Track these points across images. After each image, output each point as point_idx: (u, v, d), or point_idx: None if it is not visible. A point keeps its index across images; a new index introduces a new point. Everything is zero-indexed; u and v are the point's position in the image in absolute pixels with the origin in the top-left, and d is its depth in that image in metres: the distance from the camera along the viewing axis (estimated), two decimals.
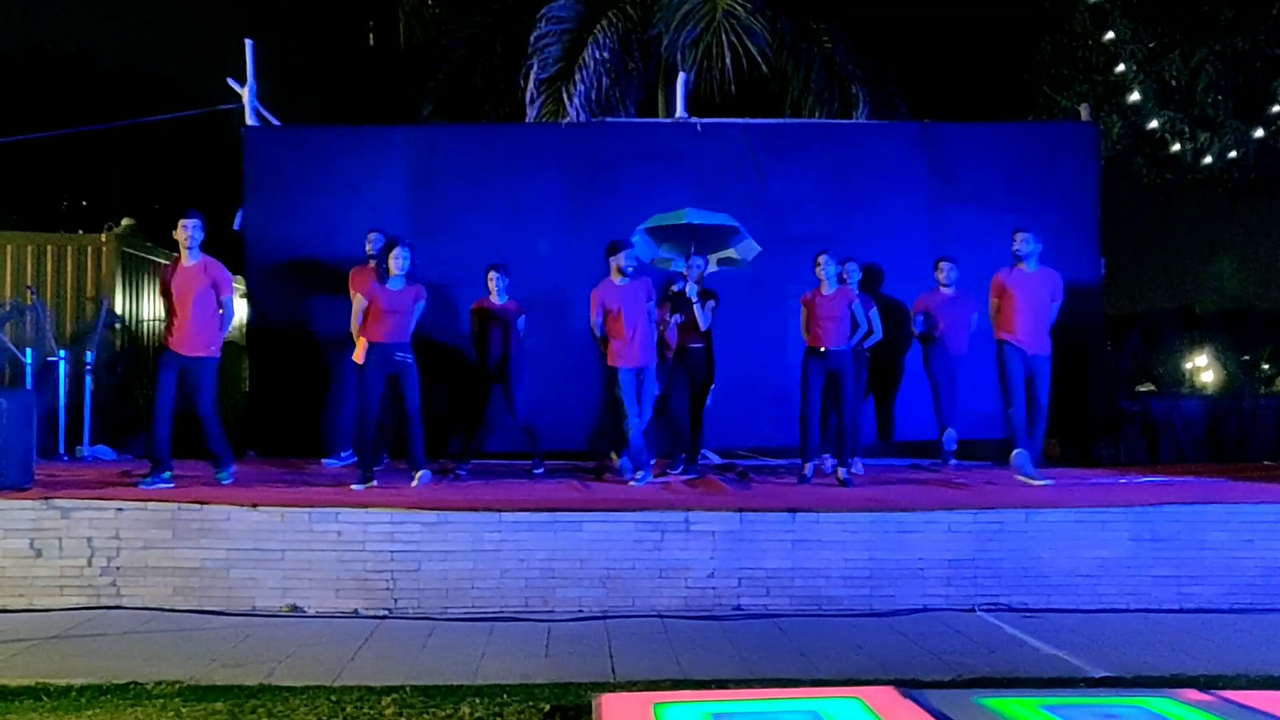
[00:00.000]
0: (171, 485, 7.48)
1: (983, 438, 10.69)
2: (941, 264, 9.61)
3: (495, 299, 9.08)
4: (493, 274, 9.06)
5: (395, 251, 8.02)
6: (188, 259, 7.78)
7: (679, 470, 9.06)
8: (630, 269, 8.51)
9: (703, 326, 8.90)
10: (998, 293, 8.49)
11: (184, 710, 4.62)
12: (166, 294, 7.82)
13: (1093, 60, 16.78)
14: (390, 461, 9.34)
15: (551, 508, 6.96)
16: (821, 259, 8.56)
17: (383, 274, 8.06)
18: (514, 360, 9.07)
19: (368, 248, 9.18)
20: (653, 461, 8.92)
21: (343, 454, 9.60)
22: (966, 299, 9.54)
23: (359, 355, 8.07)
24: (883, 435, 10.41)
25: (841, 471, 8.54)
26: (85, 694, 4.86)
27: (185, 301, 7.72)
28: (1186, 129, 16.10)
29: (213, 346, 7.77)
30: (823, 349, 8.51)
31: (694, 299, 8.84)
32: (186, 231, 7.74)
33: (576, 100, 14.28)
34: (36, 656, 5.60)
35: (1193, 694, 4.65)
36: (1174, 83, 15.98)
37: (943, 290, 9.58)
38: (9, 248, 12.64)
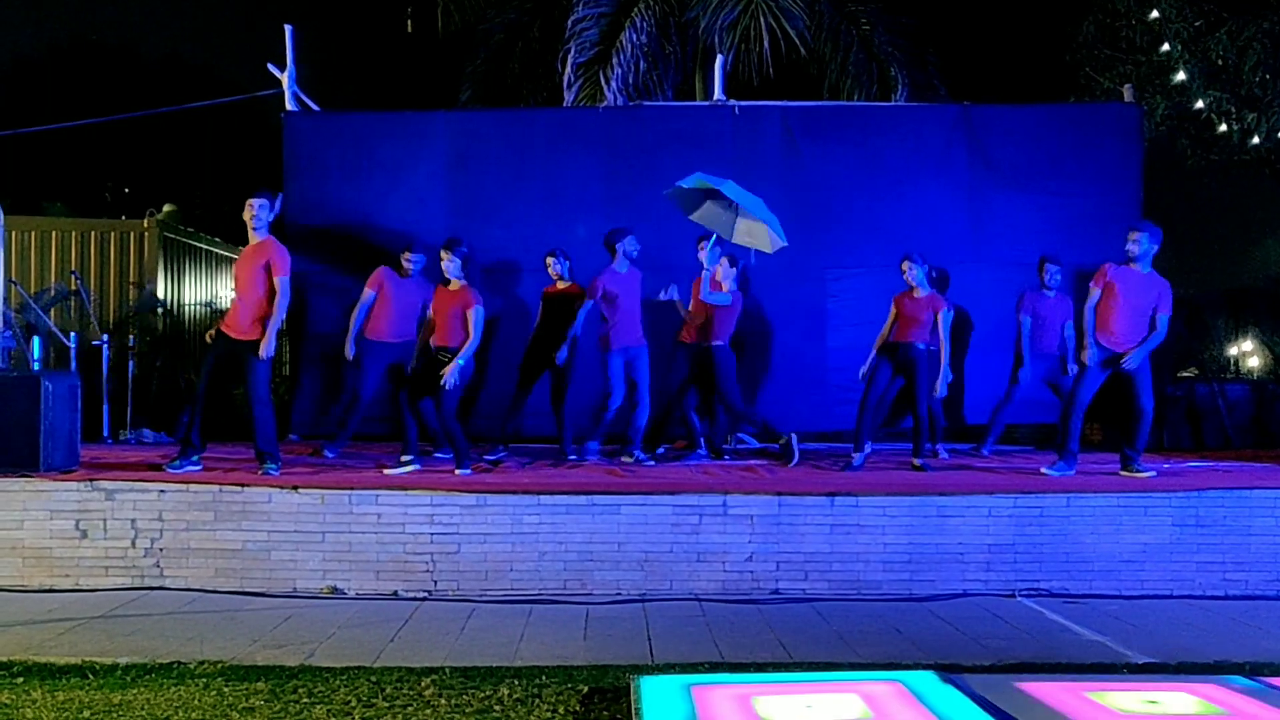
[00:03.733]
0: (200, 468, 7.49)
1: (1026, 421, 10.61)
2: (1045, 265, 9.44)
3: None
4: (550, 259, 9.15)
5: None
6: (252, 239, 7.64)
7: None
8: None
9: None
10: (1101, 286, 7.90)
11: (226, 690, 4.67)
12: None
13: (1136, 40, 16.47)
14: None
15: (589, 491, 6.98)
16: (907, 265, 8.49)
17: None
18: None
19: None
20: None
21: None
22: (1066, 301, 9.45)
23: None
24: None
25: (918, 460, 8.44)
26: (130, 673, 4.92)
27: (240, 282, 7.64)
28: (1233, 109, 15.80)
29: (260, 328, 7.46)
30: (896, 343, 8.46)
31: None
32: (251, 210, 7.56)
33: (614, 84, 14.23)
34: (83, 636, 5.68)
35: (1238, 681, 4.60)
36: (1220, 62, 15.68)
37: (1046, 293, 9.47)
38: (54, 233, 12.82)
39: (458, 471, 7.71)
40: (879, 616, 6.25)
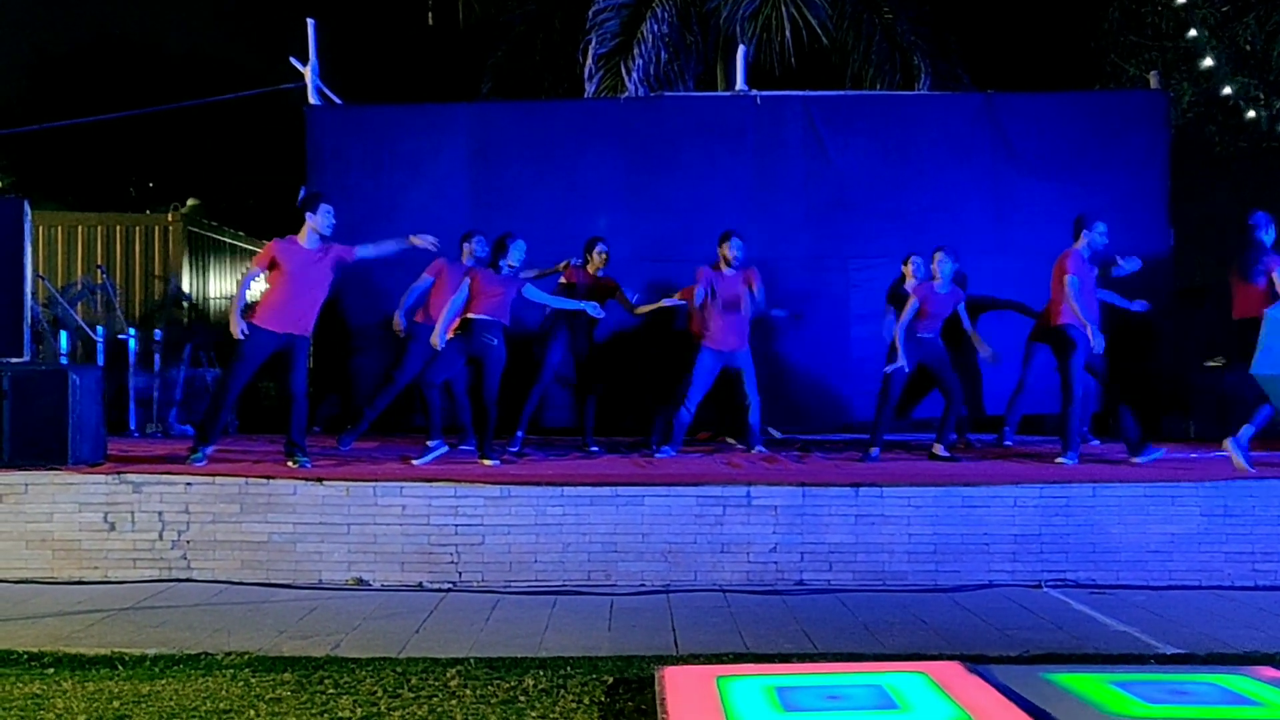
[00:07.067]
0: (213, 449, 7.56)
1: (1048, 412, 10.53)
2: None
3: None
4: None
5: None
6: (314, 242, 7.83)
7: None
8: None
9: None
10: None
11: (253, 680, 4.70)
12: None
13: (1162, 26, 16.33)
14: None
15: (613, 482, 6.98)
16: (939, 255, 8.39)
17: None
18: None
19: None
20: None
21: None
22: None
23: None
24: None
25: (938, 448, 8.41)
26: (158, 664, 4.96)
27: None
28: (1261, 95, 15.65)
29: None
30: (920, 335, 8.38)
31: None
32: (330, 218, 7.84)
33: (635, 75, 14.24)
34: (111, 627, 5.72)
35: (1268, 671, 4.57)
36: (1248, 47, 15.52)
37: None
38: (80, 228, 12.93)
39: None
40: (904, 607, 6.23)
